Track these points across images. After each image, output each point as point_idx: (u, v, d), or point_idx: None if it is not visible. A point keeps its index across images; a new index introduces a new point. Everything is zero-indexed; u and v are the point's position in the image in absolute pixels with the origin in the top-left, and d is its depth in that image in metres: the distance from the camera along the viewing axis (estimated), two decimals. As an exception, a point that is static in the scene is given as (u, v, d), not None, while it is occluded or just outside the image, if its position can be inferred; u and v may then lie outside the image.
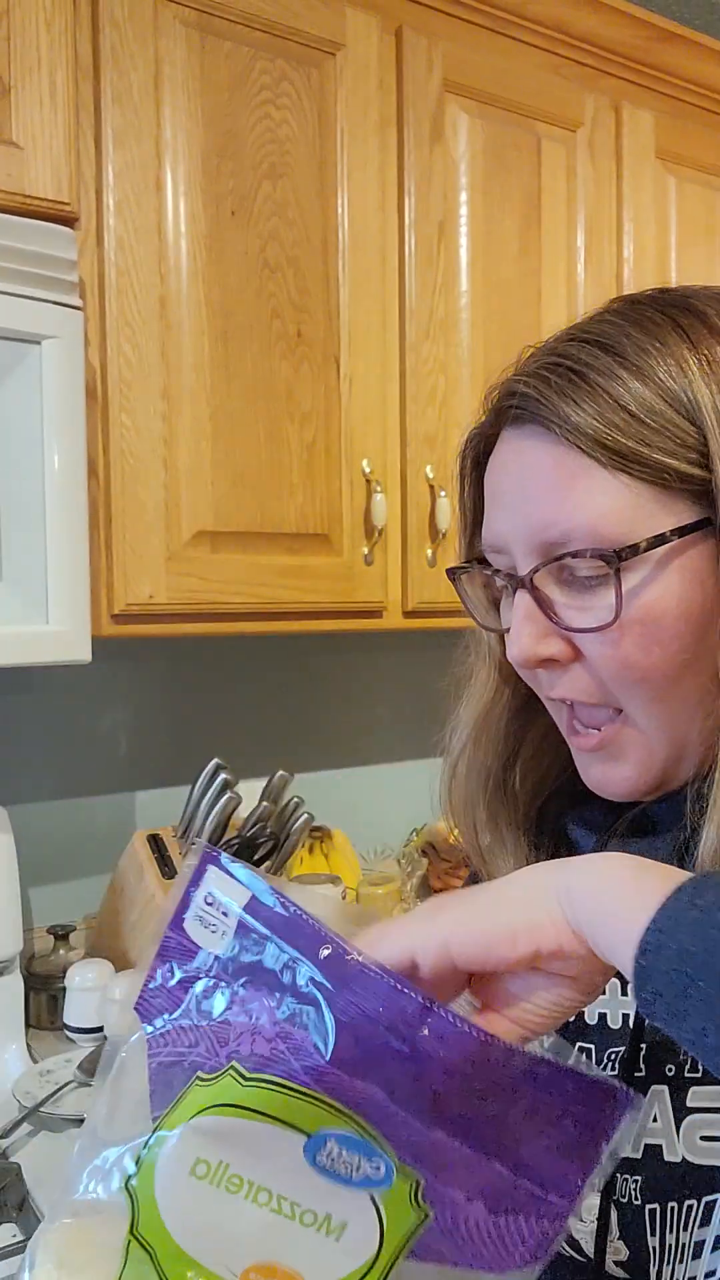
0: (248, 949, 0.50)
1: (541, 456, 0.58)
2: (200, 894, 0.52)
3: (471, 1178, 0.47)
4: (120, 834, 1.54)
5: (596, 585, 0.57)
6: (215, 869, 0.51)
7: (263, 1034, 0.48)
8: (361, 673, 1.83)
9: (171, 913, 0.52)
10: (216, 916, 0.51)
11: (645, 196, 1.65)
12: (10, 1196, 0.97)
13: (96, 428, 1.19)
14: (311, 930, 0.48)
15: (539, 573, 0.59)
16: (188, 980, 0.52)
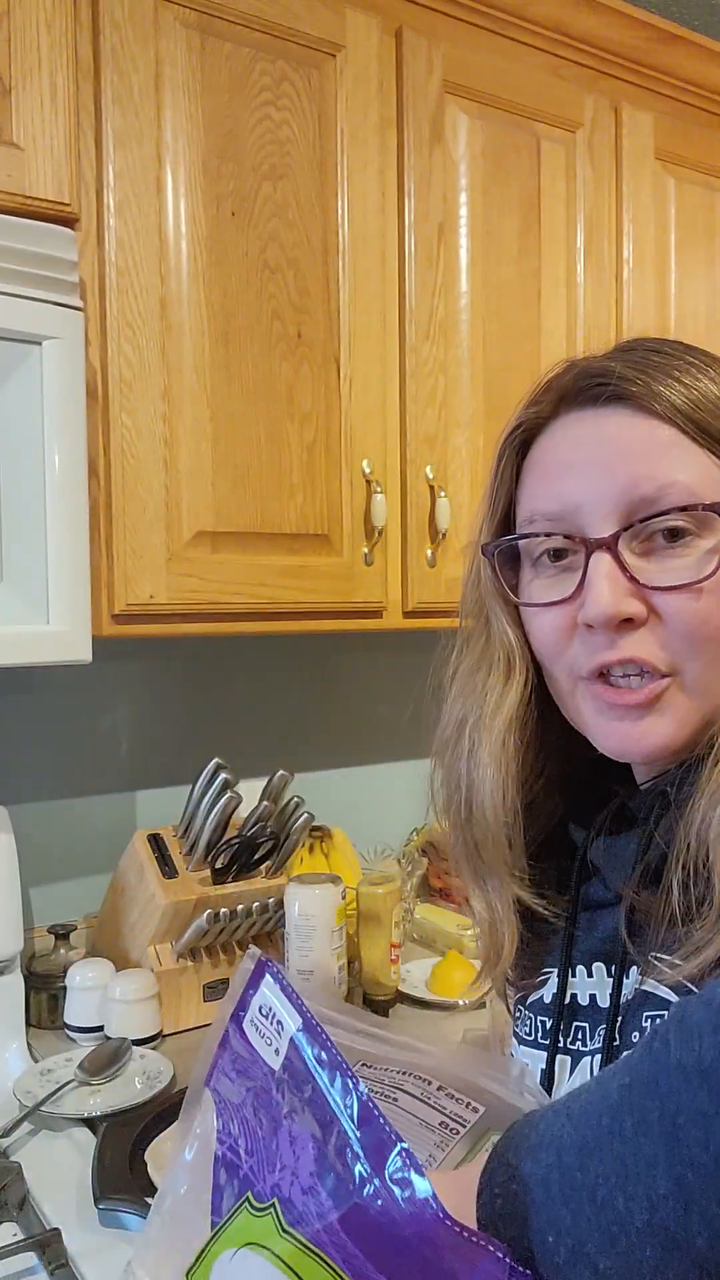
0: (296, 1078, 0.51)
1: (631, 428, 0.62)
2: (256, 1000, 0.54)
3: None
4: (120, 834, 1.55)
5: (679, 546, 0.61)
6: (270, 979, 0.54)
7: (300, 1182, 0.50)
8: (361, 673, 1.83)
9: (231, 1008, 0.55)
10: (270, 1029, 0.53)
11: (645, 197, 1.66)
12: (10, 1196, 0.97)
13: (97, 428, 1.19)
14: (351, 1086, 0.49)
15: (623, 534, 0.62)
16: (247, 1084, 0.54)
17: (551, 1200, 0.45)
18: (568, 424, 0.66)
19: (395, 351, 1.42)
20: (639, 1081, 0.45)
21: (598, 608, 0.62)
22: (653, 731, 0.64)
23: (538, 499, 0.66)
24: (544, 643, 0.67)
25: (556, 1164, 0.46)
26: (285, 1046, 0.52)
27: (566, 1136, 0.47)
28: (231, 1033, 0.55)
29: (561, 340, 1.58)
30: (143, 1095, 1.16)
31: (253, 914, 1.36)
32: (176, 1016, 1.36)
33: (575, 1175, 0.45)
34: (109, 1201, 0.95)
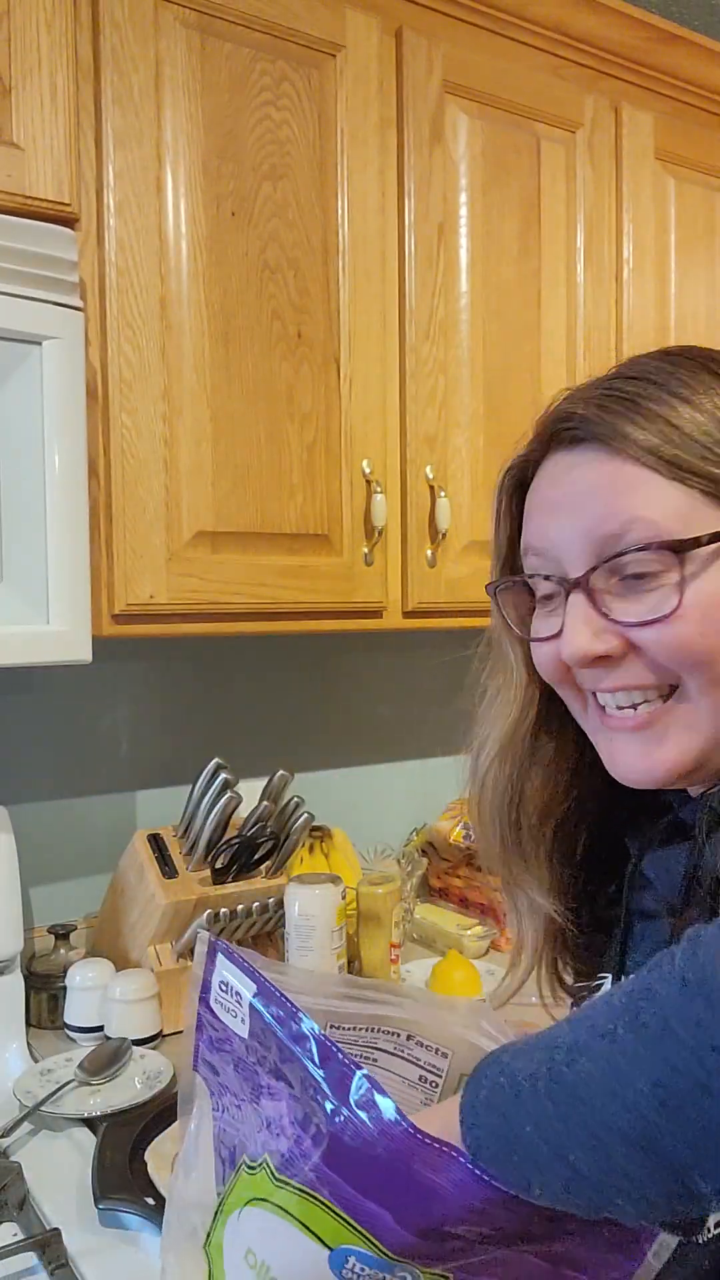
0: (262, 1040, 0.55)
1: (599, 468, 0.64)
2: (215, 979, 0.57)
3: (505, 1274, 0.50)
4: (120, 833, 1.55)
5: (650, 580, 0.63)
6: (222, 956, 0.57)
7: (285, 1132, 0.52)
8: (361, 673, 1.83)
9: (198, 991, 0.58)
10: (232, 1002, 0.56)
11: (645, 197, 1.66)
12: (11, 1196, 0.97)
13: (97, 428, 1.19)
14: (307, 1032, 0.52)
15: (594, 573, 0.64)
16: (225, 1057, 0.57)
17: (537, 1094, 0.47)
18: (549, 465, 0.68)
19: (395, 351, 1.42)
20: (640, 989, 0.47)
21: (570, 648, 0.64)
22: (655, 758, 0.65)
23: (530, 533, 0.69)
24: (545, 672, 0.70)
25: (547, 1060, 0.48)
26: (247, 1014, 0.55)
27: (561, 1038, 0.48)
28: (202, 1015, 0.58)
29: (561, 340, 1.58)
30: (143, 1095, 1.16)
31: (253, 914, 1.36)
32: (176, 1016, 1.36)
33: (563, 1070, 0.46)
34: (109, 1201, 0.95)
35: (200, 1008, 0.58)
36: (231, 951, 0.57)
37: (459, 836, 1.74)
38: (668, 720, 0.65)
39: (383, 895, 1.42)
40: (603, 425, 0.64)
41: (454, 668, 0.84)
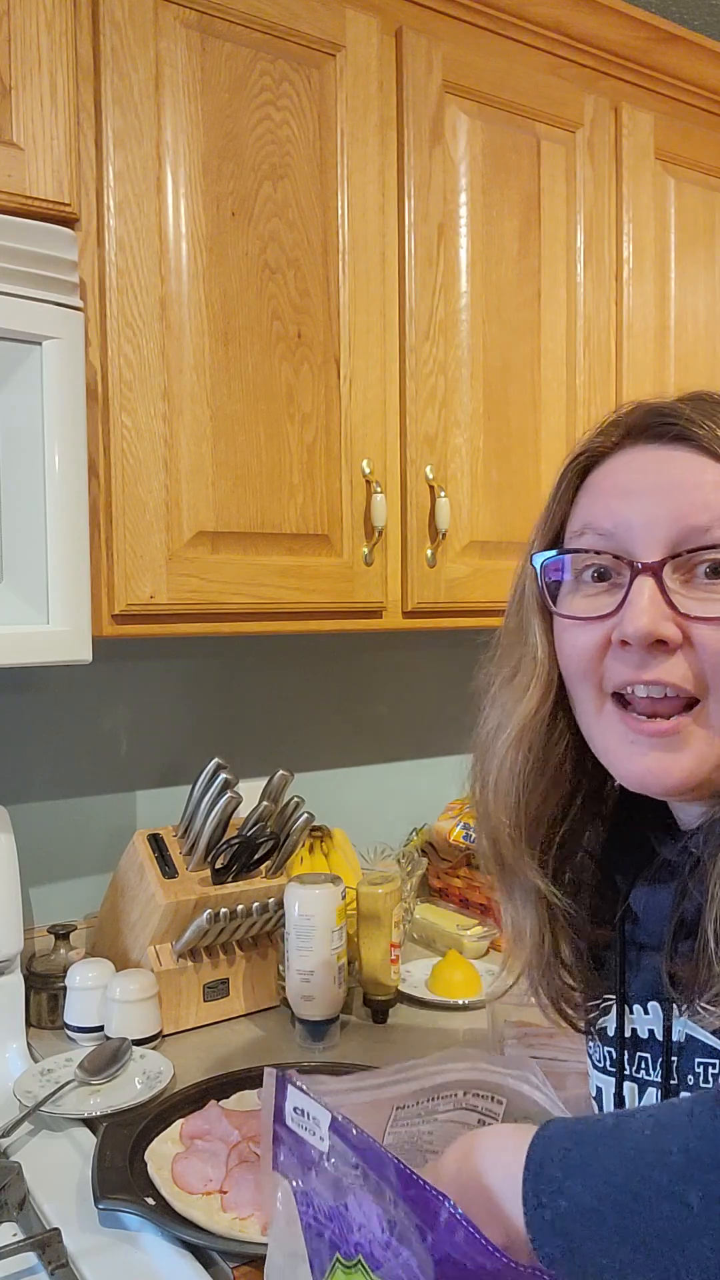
0: (344, 1158, 0.59)
1: (692, 464, 0.66)
2: (289, 1105, 0.62)
3: None
4: (120, 833, 1.55)
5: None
6: (293, 1089, 0.62)
7: (377, 1240, 0.57)
8: (361, 673, 1.83)
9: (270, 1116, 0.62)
10: (310, 1123, 0.61)
11: (645, 197, 1.66)
12: (11, 1196, 0.97)
13: (97, 428, 1.19)
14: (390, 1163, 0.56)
15: (673, 560, 0.65)
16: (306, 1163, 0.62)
17: (606, 1232, 0.50)
18: (631, 454, 0.69)
19: (395, 351, 1.42)
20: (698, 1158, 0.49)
21: (635, 625, 0.64)
22: (673, 766, 0.66)
23: (593, 513, 0.69)
24: (574, 658, 0.70)
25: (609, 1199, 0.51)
26: (326, 1134, 0.60)
27: (620, 1174, 0.51)
28: (279, 1131, 0.62)
29: (561, 340, 1.58)
30: (143, 1095, 1.16)
31: (253, 914, 1.36)
32: (176, 1016, 1.36)
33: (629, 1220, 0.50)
34: (109, 1201, 0.95)
35: (276, 1125, 0.62)
36: (300, 1085, 0.61)
37: (459, 836, 1.74)
38: (690, 731, 0.65)
39: (383, 895, 1.42)
40: (703, 427, 0.66)
41: (454, 668, 0.83)
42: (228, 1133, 1.03)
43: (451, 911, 1.75)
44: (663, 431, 0.67)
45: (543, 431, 1.56)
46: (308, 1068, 1.18)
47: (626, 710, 0.67)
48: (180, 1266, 0.90)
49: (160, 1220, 0.92)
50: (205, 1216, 0.93)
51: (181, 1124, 1.07)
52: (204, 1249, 0.92)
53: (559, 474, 0.73)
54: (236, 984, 1.42)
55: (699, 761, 0.65)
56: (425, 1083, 0.66)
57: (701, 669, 0.64)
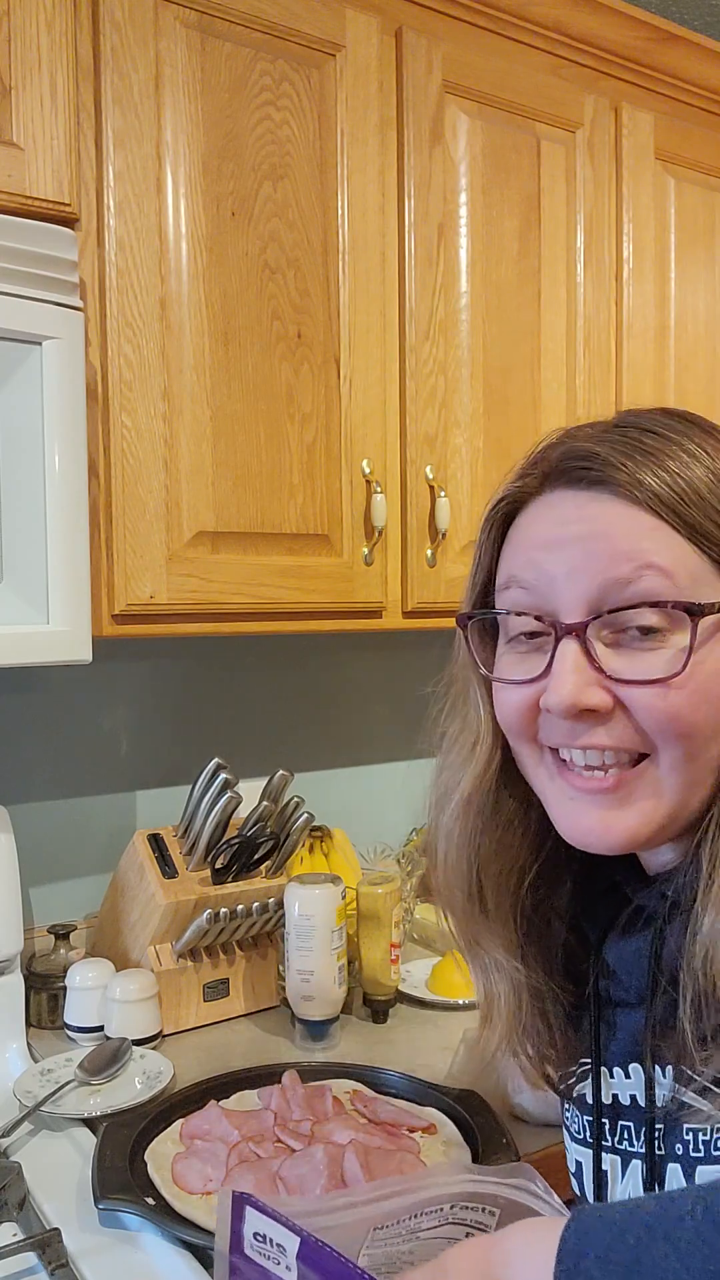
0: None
1: (615, 510, 0.61)
2: (248, 1230, 0.55)
3: None
4: (120, 833, 1.55)
5: (654, 639, 0.60)
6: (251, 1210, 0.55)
7: None
8: (361, 673, 1.83)
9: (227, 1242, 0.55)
10: (274, 1251, 0.54)
11: (645, 197, 1.66)
12: (11, 1196, 0.97)
13: (97, 428, 1.19)
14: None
15: (595, 621, 0.61)
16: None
17: None
18: (552, 501, 0.65)
19: (395, 351, 1.42)
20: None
21: (558, 696, 0.61)
22: (615, 824, 0.63)
23: (515, 566, 0.66)
24: (508, 718, 0.67)
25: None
26: (294, 1263, 0.53)
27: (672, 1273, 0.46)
28: (236, 1262, 0.56)
29: (561, 340, 1.58)
30: (143, 1095, 1.16)
31: (253, 914, 1.36)
32: (176, 1016, 1.36)
33: None
34: (109, 1201, 0.94)
35: (233, 1256, 0.56)
36: (261, 1204, 0.55)
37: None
38: (634, 786, 0.62)
39: (383, 895, 1.42)
40: (624, 472, 0.61)
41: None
42: (228, 1133, 1.03)
43: (451, 911, 1.75)
44: (581, 476, 0.63)
45: (543, 432, 1.54)
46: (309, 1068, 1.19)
47: (565, 766, 0.64)
48: (180, 1266, 0.90)
49: (160, 1220, 0.92)
50: (205, 1216, 0.93)
51: (181, 1124, 1.07)
52: (204, 1249, 0.92)
53: (482, 521, 0.70)
54: (236, 984, 1.42)
55: (643, 821, 0.62)
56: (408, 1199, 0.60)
57: (640, 732, 0.61)
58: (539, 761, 0.66)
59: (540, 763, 0.66)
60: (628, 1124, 0.69)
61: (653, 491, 0.61)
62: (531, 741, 0.66)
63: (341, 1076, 1.18)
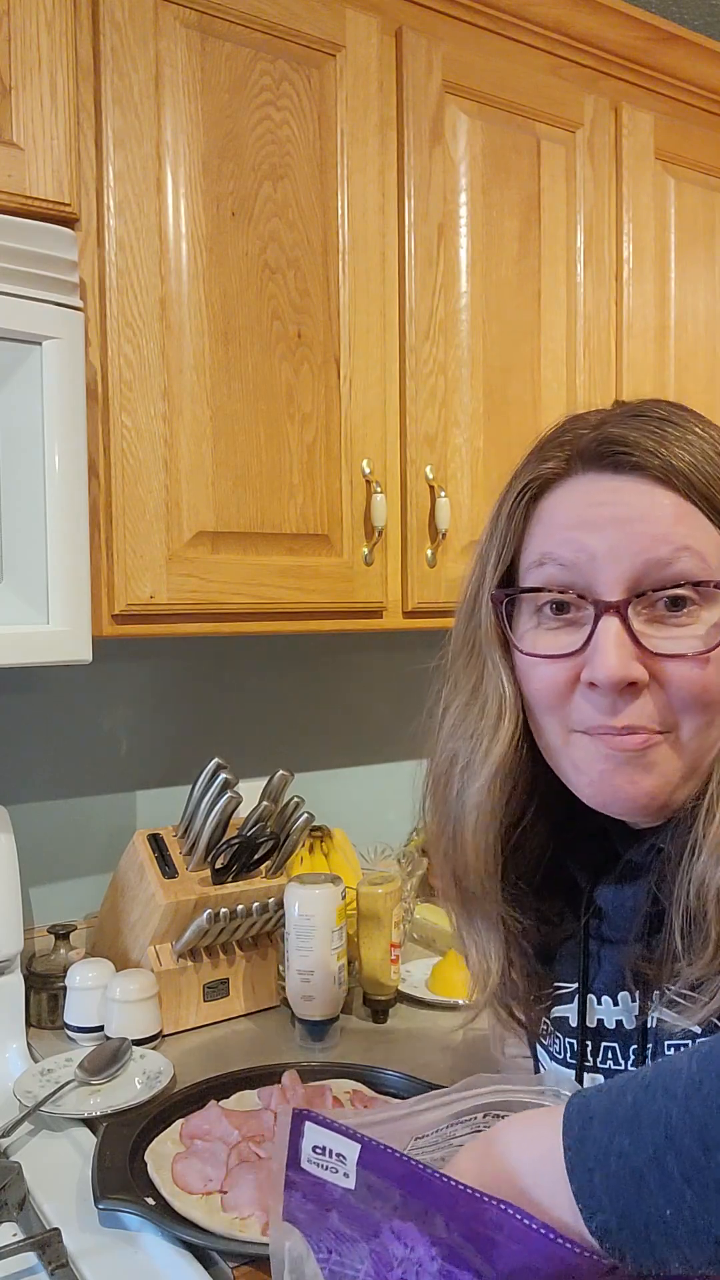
0: (377, 1190, 0.55)
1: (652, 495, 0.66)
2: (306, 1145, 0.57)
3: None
4: (120, 833, 1.55)
5: (686, 615, 0.65)
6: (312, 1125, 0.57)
7: (426, 1269, 0.53)
8: (361, 673, 1.83)
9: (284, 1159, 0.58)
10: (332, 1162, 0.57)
11: (645, 197, 1.66)
12: (11, 1196, 0.97)
13: (97, 428, 1.19)
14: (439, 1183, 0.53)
15: (637, 599, 0.65)
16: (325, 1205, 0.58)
17: (670, 1180, 0.46)
18: (584, 483, 0.68)
19: (395, 351, 1.42)
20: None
21: (606, 670, 0.64)
22: (638, 784, 0.67)
23: (550, 544, 0.68)
24: (542, 694, 0.69)
25: (670, 1146, 0.47)
26: (353, 1170, 0.56)
27: (676, 1117, 0.48)
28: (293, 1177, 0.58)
29: (561, 340, 1.58)
30: (143, 1095, 1.16)
31: (253, 914, 1.36)
32: (177, 1016, 1.36)
33: (699, 1160, 0.46)
34: (109, 1201, 0.95)
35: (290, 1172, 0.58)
36: (320, 1117, 0.58)
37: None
38: (658, 754, 0.66)
39: (383, 895, 1.42)
40: (658, 458, 0.65)
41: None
42: (228, 1133, 1.03)
43: (451, 911, 1.75)
44: (617, 461, 0.67)
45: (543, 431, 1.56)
46: (309, 1068, 1.19)
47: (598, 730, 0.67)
48: (180, 1266, 0.90)
49: (160, 1220, 0.92)
50: (205, 1216, 0.93)
51: (181, 1124, 1.07)
52: (204, 1249, 0.92)
53: (506, 501, 0.72)
54: (236, 984, 1.42)
55: (663, 782, 0.67)
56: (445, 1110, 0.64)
57: (670, 704, 0.66)
58: (565, 739, 0.69)
59: (566, 740, 0.69)
60: (612, 1045, 0.73)
61: (684, 477, 0.65)
62: (559, 719, 0.69)
63: (341, 1076, 1.18)
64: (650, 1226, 0.47)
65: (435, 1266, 0.53)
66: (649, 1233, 0.47)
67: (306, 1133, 0.58)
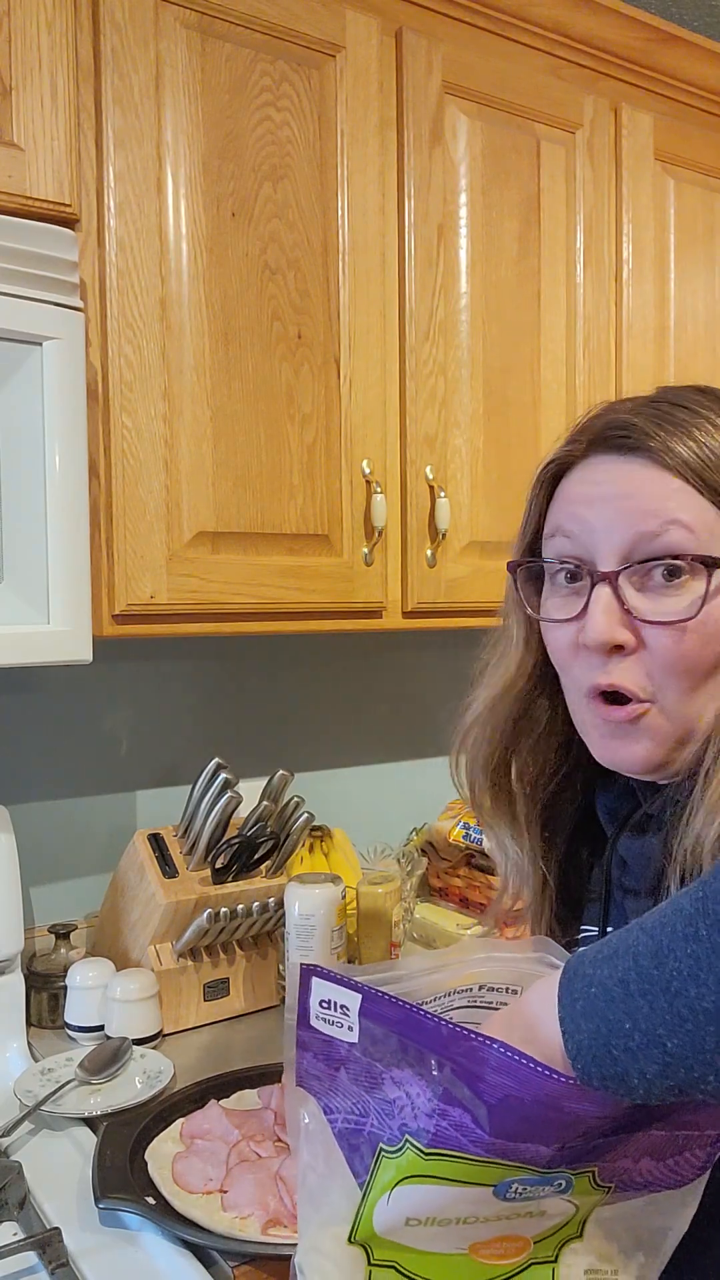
0: (377, 1039, 0.60)
1: (646, 473, 0.71)
2: (314, 1000, 0.62)
3: (635, 1148, 0.59)
4: (121, 833, 1.55)
5: (675, 586, 0.70)
6: (319, 979, 0.62)
7: (422, 1110, 0.58)
8: (361, 673, 1.83)
9: (295, 1017, 0.63)
10: (336, 1015, 0.62)
11: (644, 198, 1.66)
12: (11, 1195, 0.97)
13: (97, 428, 1.20)
14: (431, 1024, 0.58)
15: (626, 570, 0.71)
16: (334, 1064, 0.62)
17: (630, 995, 0.53)
18: (593, 464, 0.75)
19: (395, 352, 1.42)
20: (713, 894, 0.53)
21: (594, 633, 0.71)
22: (632, 750, 0.74)
23: (561, 518, 0.76)
24: (556, 653, 0.77)
25: (634, 966, 0.54)
26: (355, 1022, 0.60)
27: (641, 944, 0.55)
28: (302, 1036, 0.63)
29: (561, 340, 1.58)
30: (143, 1095, 1.16)
31: (253, 914, 1.36)
32: (177, 1016, 1.36)
33: (652, 973, 0.53)
34: (109, 1201, 0.95)
35: (300, 1031, 0.62)
36: (326, 971, 0.62)
37: (459, 836, 1.74)
38: (648, 720, 0.72)
39: (383, 895, 1.42)
40: (655, 439, 0.71)
41: (454, 667, 0.86)
42: (228, 1132, 1.04)
43: (451, 911, 1.75)
44: (620, 443, 0.73)
45: (543, 431, 1.56)
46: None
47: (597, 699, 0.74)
48: (180, 1266, 0.90)
49: (160, 1220, 0.93)
50: (205, 1216, 0.93)
51: (182, 1123, 1.07)
52: (204, 1248, 0.92)
53: (534, 480, 0.80)
54: (237, 983, 1.42)
55: (652, 748, 0.73)
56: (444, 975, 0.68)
57: (654, 670, 0.71)
58: (579, 697, 0.76)
59: (580, 698, 0.76)
60: None
61: (681, 458, 0.70)
62: (571, 674, 0.76)
63: (341, 1076, 1.18)
64: (612, 1038, 0.53)
65: (431, 1107, 0.57)
66: (610, 1045, 0.53)
67: (314, 988, 0.62)
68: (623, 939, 0.57)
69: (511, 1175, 0.57)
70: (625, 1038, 0.53)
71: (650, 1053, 0.52)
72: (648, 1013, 0.52)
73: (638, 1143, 0.59)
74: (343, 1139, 0.62)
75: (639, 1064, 0.53)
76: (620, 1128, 0.57)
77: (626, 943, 0.56)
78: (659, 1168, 0.61)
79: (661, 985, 0.52)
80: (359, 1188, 0.61)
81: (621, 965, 0.55)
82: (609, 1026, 0.54)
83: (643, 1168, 0.60)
